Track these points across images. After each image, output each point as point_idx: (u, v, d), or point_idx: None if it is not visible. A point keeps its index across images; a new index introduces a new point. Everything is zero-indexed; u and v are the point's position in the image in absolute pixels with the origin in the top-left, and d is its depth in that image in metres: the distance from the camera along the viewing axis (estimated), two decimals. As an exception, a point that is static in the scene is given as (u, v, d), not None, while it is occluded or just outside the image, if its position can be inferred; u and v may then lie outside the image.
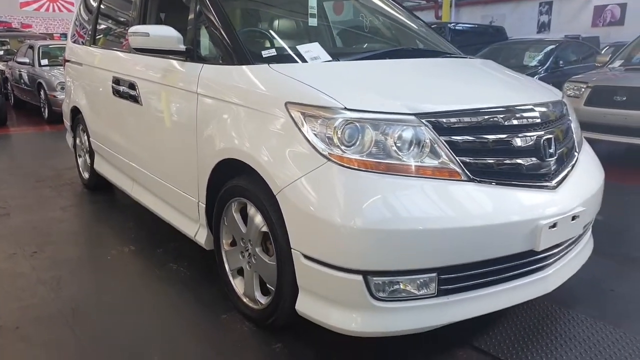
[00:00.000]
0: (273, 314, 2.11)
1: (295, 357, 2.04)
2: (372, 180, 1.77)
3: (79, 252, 3.07)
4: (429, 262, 1.77)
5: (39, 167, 5.32)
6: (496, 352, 2.06)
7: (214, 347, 2.12)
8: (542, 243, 1.91)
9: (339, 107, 1.85)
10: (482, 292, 1.91)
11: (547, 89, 2.50)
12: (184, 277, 2.75)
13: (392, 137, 1.83)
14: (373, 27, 3.41)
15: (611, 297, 2.55)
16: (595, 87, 5.49)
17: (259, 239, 2.15)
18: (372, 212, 1.72)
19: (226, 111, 2.25)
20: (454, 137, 1.87)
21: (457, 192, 1.81)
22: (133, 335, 2.21)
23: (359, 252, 1.74)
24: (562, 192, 2.02)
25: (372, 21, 3.42)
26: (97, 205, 4.02)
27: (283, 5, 3.19)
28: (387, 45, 3.05)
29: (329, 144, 1.82)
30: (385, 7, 3.38)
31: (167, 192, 2.90)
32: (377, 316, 1.82)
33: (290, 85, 2.01)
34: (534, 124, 2.02)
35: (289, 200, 1.87)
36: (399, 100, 1.91)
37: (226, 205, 2.32)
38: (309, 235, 1.84)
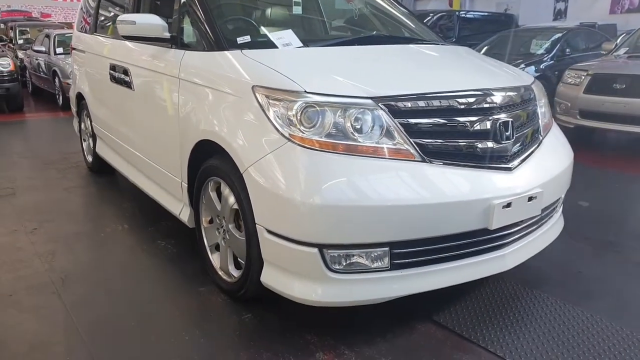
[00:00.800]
0: (243, 286, 2.24)
1: (262, 326, 2.18)
2: (329, 160, 1.88)
3: (76, 229, 3.25)
4: (381, 237, 1.88)
5: (48, 150, 5.54)
6: (454, 326, 2.17)
7: (188, 316, 2.27)
8: (495, 222, 2.00)
9: (300, 91, 1.95)
10: (436, 267, 2.01)
11: (516, 74, 2.57)
12: (170, 253, 2.90)
13: (349, 119, 1.93)
14: (362, 15, 3.49)
15: (577, 279, 2.62)
16: (595, 75, 5.47)
17: (231, 216, 2.28)
18: (328, 190, 1.83)
19: (202, 95, 2.38)
20: (409, 119, 1.97)
21: (409, 172, 1.91)
22: (115, 303, 2.37)
23: (314, 226, 1.85)
24: (518, 174, 2.10)
25: (362, 9, 3.50)
26: (98, 187, 4.20)
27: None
28: (366, 32, 3.12)
29: (290, 125, 1.93)
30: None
31: (155, 173, 3.05)
32: (335, 287, 1.94)
33: (258, 70, 2.13)
34: (491, 107, 2.10)
35: (253, 178, 1.99)
36: (358, 84, 2.01)
37: (204, 184, 2.45)
38: (271, 211, 1.96)
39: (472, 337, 2.09)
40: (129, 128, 3.40)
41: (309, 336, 2.10)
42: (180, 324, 2.21)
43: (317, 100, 1.94)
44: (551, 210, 2.45)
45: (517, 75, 2.56)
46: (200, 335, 2.12)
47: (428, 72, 2.28)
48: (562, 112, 5.82)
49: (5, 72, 8.13)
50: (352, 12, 3.52)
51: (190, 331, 2.14)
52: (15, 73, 8.42)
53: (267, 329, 2.16)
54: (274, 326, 2.18)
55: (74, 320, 2.21)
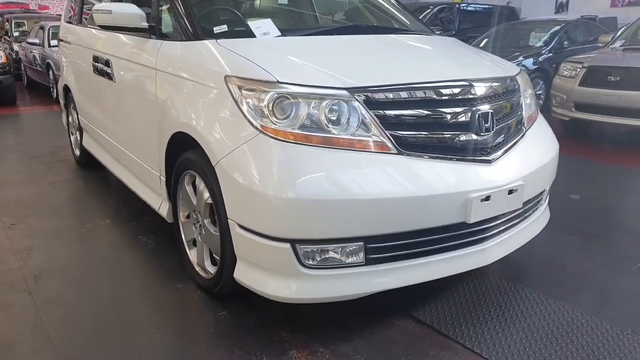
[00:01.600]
0: (219, 282, 2.20)
1: (237, 324, 2.13)
2: (303, 152, 1.83)
3: (56, 225, 3.20)
4: (355, 232, 1.83)
5: (38, 144, 5.49)
6: (432, 322, 2.12)
7: (163, 314, 2.22)
8: (474, 216, 1.95)
9: (273, 81, 1.90)
10: (413, 262, 1.96)
11: (500, 65, 2.51)
12: (150, 249, 2.86)
13: (324, 111, 1.87)
14: (350, 4, 3.43)
15: (562, 273, 2.57)
16: (590, 68, 5.40)
17: (206, 211, 2.23)
18: (301, 184, 1.78)
19: (178, 86, 2.32)
20: (386, 111, 1.91)
21: (385, 165, 1.86)
22: (88, 301, 2.32)
23: (286, 221, 1.80)
24: (498, 166, 2.05)
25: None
26: (84, 181, 4.15)
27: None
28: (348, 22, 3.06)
29: (262, 117, 1.87)
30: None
31: (136, 166, 3.00)
32: (308, 284, 1.89)
33: (232, 59, 2.07)
34: (471, 98, 2.04)
35: (225, 171, 1.94)
36: (333, 74, 1.95)
37: (180, 178, 2.40)
38: (242, 206, 1.91)
39: (450, 333, 2.04)
40: (111, 120, 3.34)
41: (284, 333, 2.06)
42: (154, 321, 2.16)
43: (290, 91, 1.88)
44: (535, 203, 2.40)
45: (501, 66, 2.50)
46: (172, 333, 2.07)
47: (407, 62, 2.22)
48: (558, 104, 5.75)
49: (-3, 65, 8.08)
50: (341, 1, 3.47)
51: (163, 329, 2.10)
52: (8, 66, 8.35)
53: (241, 326, 2.11)
54: (249, 323, 2.13)
55: (42, 320, 2.15)
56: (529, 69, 7.08)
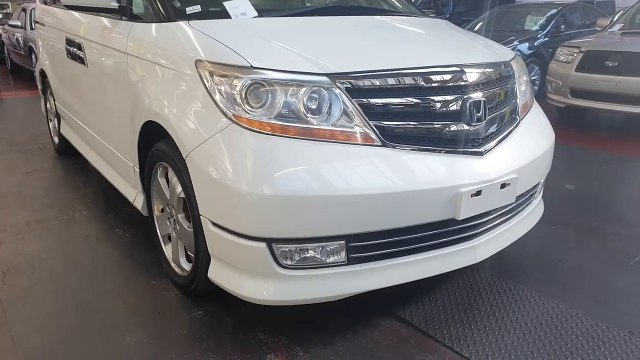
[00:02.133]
0: (194, 281, 2.07)
1: (213, 325, 2.01)
2: (279, 144, 1.69)
3: (29, 217, 3.05)
4: (336, 230, 1.70)
5: (17, 131, 5.31)
6: (419, 323, 2.00)
7: (135, 314, 2.09)
8: (463, 212, 1.82)
9: (246, 66, 1.75)
10: (398, 261, 1.84)
11: (494, 50, 2.36)
12: (126, 243, 2.72)
13: (302, 99, 1.73)
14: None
15: (556, 268, 2.46)
16: (587, 52, 5.25)
17: (179, 206, 2.09)
18: (277, 178, 1.64)
19: (148, 71, 2.17)
20: (369, 99, 1.77)
21: (368, 158, 1.72)
22: (58, 298, 2.19)
23: (261, 219, 1.67)
24: (490, 159, 1.92)
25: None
26: (62, 170, 3.99)
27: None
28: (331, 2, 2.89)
29: (235, 105, 1.73)
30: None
31: (111, 156, 2.85)
32: (286, 285, 1.76)
33: (203, 42, 1.91)
34: (461, 86, 1.90)
35: (196, 164, 1.80)
36: (313, 59, 1.80)
37: (153, 170, 2.25)
38: (215, 202, 1.77)
39: (437, 335, 1.93)
40: (86, 107, 3.18)
41: (262, 335, 1.94)
42: (125, 322, 2.03)
43: (265, 77, 1.73)
44: (529, 196, 2.28)
45: (495, 50, 2.36)
46: (144, 335, 1.95)
47: (394, 46, 2.06)
48: (554, 90, 5.61)
49: (-24, 49, 7.84)
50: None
51: (134, 330, 1.97)
52: (-11, 50, 8.12)
53: (217, 328, 1.99)
54: (225, 324, 2.01)
55: (7, 319, 2.03)
56: (525, 53, 6.91)
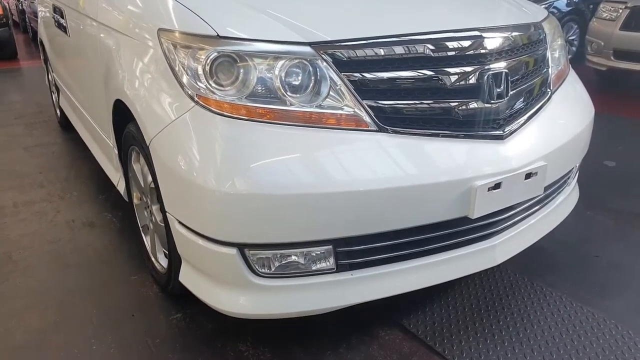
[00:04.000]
0: (170, 280, 1.84)
1: (190, 332, 1.78)
2: (252, 131, 1.40)
3: (17, 198, 2.88)
4: (322, 233, 1.42)
5: (26, 103, 5.17)
6: (426, 335, 1.73)
7: (106, 315, 1.88)
8: (478, 209, 1.50)
9: (212, 35, 1.44)
10: (399, 266, 1.55)
11: (523, 9, 1.97)
12: (113, 229, 2.51)
13: (280, 74, 1.42)
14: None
15: (592, 265, 2.13)
16: (634, 8, 4.68)
17: (152, 196, 1.84)
18: (250, 173, 1.35)
19: (116, 42, 1.88)
20: (362, 74, 1.44)
21: (361, 145, 1.42)
22: (29, 293, 2.01)
23: (231, 221, 1.39)
24: (513, 143, 1.58)
25: None
26: (62, 146, 3.80)
27: None
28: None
29: (198, 82, 1.44)
30: None
31: (95, 134, 2.62)
32: (264, 296, 1.50)
33: (167, 7, 1.61)
34: (478, 55, 1.55)
35: (158, 153, 1.53)
36: (294, 25, 1.48)
37: (129, 153, 2.01)
38: (179, 199, 1.50)
39: (446, 351, 1.65)
40: (72, 80, 2.94)
41: (244, 346, 1.70)
42: (94, 326, 1.82)
43: (235, 49, 1.42)
44: (561, 184, 1.93)
45: (524, 9, 1.97)
46: (111, 342, 1.74)
47: (395, 7, 1.71)
48: (594, 52, 5.08)
49: (-7, 17, 7.70)
50: None
51: (101, 337, 1.76)
52: (5, 17, 7.95)
53: (194, 336, 1.76)
54: (204, 331, 1.78)
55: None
56: (562, 11, 6.30)
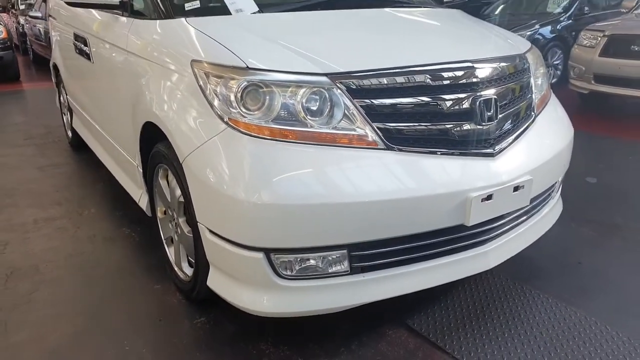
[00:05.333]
0: (195, 287, 2.02)
1: (214, 333, 1.96)
2: (277, 150, 1.61)
3: (37, 215, 3.04)
4: (338, 239, 1.62)
5: (34, 124, 5.34)
6: (429, 332, 1.92)
7: (135, 320, 2.05)
8: (473, 217, 1.72)
9: (242, 66, 1.66)
10: (405, 269, 1.75)
11: (509, 42, 2.22)
12: (132, 243, 2.69)
13: (301, 100, 1.64)
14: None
15: (576, 271, 2.34)
16: (611, 36, 5.01)
17: (180, 209, 2.03)
18: (275, 186, 1.56)
19: (147, 70, 2.10)
20: (372, 100, 1.67)
21: (371, 162, 1.63)
22: (59, 303, 2.17)
23: (258, 228, 1.59)
24: (502, 160, 1.81)
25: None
26: (74, 166, 3.98)
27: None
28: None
29: (230, 108, 1.65)
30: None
31: (117, 154, 2.81)
32: (286, 296, 1.69)
33: (200, 41, 1.83)
34: (471, 83, 1.79)
35: (191, 169, 1.73)
36: (313, 58, 1.71)
37: (154, 171, 2.20)
38: (211, 209, 1.70)
39: (447, 346, 1.84)
40: (93, 104, 3.14)
41: (264, 345, 1.88)
42: (125, 330, 1.99)
43: (262, 79, 1.65)
44: (545, 197, 2.16)
45: (510, 42, 2.22)
46: (143, 344, 1.91)
47: (400, 42, 1.95)
48: (576, 76, 5.39)
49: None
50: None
51: (133, 339, 1.93)
52: (9, 41, 8.18)
53: (218, 336, 1.94)
54: (227, 333, 1.96)
55: (7, 329, 2.00)
56: (546, 37, 6.66)
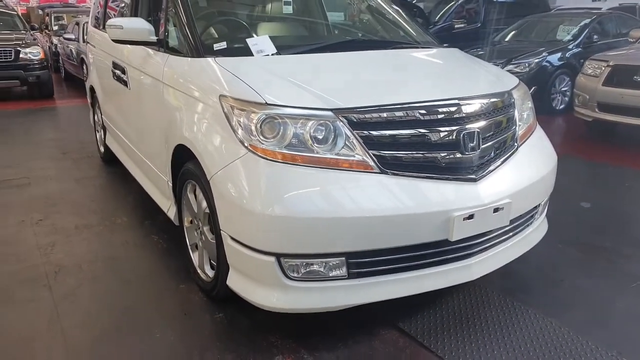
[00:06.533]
0: (216, 286, 2.33)
1: (231, 327, 2.26)
2: (288, 171, 1.92)
3: (77, 222, 3.41)
4: (338, 247, 1.92)
5: (69, 139, 5.77)
6: (417, 334, 2.19)
7: (164, 314, 2.37)
8: (456, 234, 2.00)
9: (261, 102, 1.99)
10: (396, 276, 2.04)
11: (497, 79, 2.52)
12: (160, 249, 3.02)
13: (309, 131, 1.96)
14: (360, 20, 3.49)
15: (558, 288, 2.59)
16: (614, 66, 5.25)
17: (205, 219, 2.35)
18: (286, 201, 1.87)
19: (181, 100, 2.44)
20: (369, 131, 1.98)
21: (367, 183, 1.94)
22: (99, 298, 2.50)
23: (271, 236, 1.91)
24: (484, 185, 2.09)
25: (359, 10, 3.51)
26: (106, 178, 4.37)
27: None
28: (357, 31, 3.11)
29: (251, 136, 1.97)
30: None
31: (148, 170, 3.16)
32: (292, 294, 1.99)
33: (227, 79, 2.17)
34: (457, 118, 2.09)
35: (217, 186, 2.05)
36: (320, 95, 2.03)
37: (184, 186, 2.53)
38: (233, 219, 2.02)
39: (432, 346, 2.11)
40: (127, 124, 3.51)
41: (273, 338, 2.18)
42: (156, 321, 2.31)
43: (278, 112, 1.97)
44: (527, 218, 2.42)
45: (498, 80, 2.52)
46: (171, 334, 2.22)
47: (396, 81, 2.27)
48: (581, 104, 5.63)
49: (36, 61, 8.45)
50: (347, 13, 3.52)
51: (163, 329, 2.25)
52: (45, 61, 8.72)
53: (235, 329, 2.24)
54: (242, 326, 2.26)
55: (58, 314, 2.34)
56: (554, 64, 6.92)
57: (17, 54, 8.28)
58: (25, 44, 8.52)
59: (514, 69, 6.84)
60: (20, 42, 8.52)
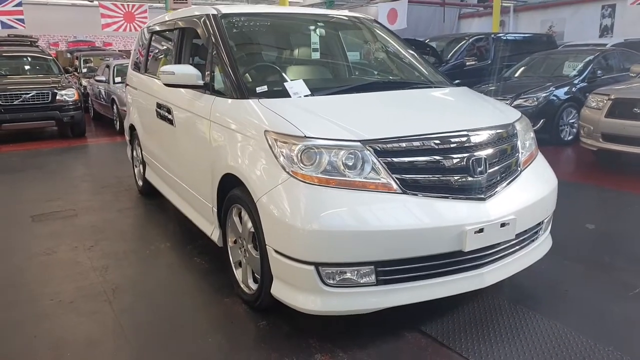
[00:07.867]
0: (259, 297, 2.66)
1: (273, 332, 2.58)
2: (324, 193, 2.29)
3: (125, 247, 3.78)
4: (367, 257, 2.26)
5: (106, 175, 6.22)
6: (437, 335, 2.49)
7: (212, 323, 2.70)
8: (469, 245, 2.33)
9: (301, 135, 2.38)
10: (418, 283, 2.36)
11: (502, 113, 2.89)
12: (203, 269, 3.37)
13: (341, 159, 2.33)
14: (376, 60, 3.93)
15: (562, 297, 2.87)
16: (615, 100, 5.61)
17: (249, 238, 2.71)
18: (323, 218, 2.23)
19: (228, 135, 2.84)
20: (392, 158, 2.35)
21: (391, 202, 2.29)
22: (154, 311, 2.84)
23: (311, 247, 2.25)
24: (492, 203, 2.43)
25: (376, 54, 3.95)
26: (146, 209, 4.76)
27: (292, 43, 3.77)
28: (374, 77, 3.54)
29: (293, 164, 2.35)
30: (384, 40, 3.87)
31: (192, 198, 3.54)
32: (329, 299, 2.32)
33: (270, 116, 2.57)
34: (466, 147, 2.45)
35: (264, 207, 2.42)
36: (350, 129, 2.42)
37: (229, 210, 2.90)
38: (277, 234, 2.37)
39: (451, 345, 2.41)
40: (171, 158, 3.92)
41: (312, 340, 2.49)
42: (206, 329, 2.64)
43: (315, 144, 2.35)
44: (532, 233, 2.74)
45: (502, 114, 2.88)
46: (221, 338, 2.54)
47: (414, 116, 2.66)
48: (586, 135, 5.96)
49: (70, 102, 9.02)
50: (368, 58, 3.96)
51: (214, 336, 2.57)
52: (79, 102, 9.30)
53: (277, 334, 2.56)
54: (283, 331, 2.58)
55: (121, 324, 2.68)
56: (561, 98, 7.31)
57: (54, 95, 8.86)
58: (61, 86, 9.12)
59: (523, 102, 7.23)
60: (56, 84, 9.13)
